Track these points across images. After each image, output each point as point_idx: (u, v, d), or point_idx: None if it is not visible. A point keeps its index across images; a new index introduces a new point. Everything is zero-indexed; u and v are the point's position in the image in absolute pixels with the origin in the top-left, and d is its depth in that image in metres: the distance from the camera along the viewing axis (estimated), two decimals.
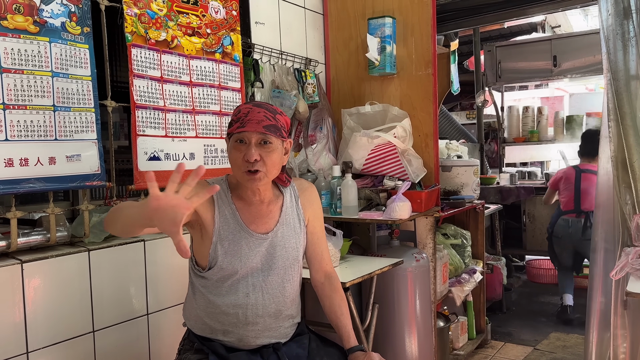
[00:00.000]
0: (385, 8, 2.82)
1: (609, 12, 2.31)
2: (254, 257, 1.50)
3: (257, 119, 1.42)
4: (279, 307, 1.54)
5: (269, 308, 1.51)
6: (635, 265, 1.91)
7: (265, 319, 1.51)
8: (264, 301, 1.50)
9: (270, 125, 1.43)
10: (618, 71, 2.28)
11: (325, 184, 2.68)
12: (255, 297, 1.49)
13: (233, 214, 1.51)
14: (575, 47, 5.01)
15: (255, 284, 1.50)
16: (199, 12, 2.20)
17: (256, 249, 1.50)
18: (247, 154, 1.41)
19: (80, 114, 1.79)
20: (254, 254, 1.50)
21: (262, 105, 1.48)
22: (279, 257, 1.54)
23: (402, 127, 2.65)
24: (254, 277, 1.50)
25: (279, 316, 1.54)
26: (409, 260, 2.48)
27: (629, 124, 2.25)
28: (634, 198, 2.24)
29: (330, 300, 1.66)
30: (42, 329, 1.68)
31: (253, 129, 1.40)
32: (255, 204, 1.54)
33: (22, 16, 1.63)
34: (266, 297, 1.51)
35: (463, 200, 2.99)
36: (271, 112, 1.46)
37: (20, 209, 1.68)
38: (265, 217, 1.55)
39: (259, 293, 1.50)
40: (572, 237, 3.79)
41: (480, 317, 3.39)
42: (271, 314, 1.52)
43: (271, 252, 1.53)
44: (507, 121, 5.50)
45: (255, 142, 1.42)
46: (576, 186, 3.84)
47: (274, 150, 1.45)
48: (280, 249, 1.54)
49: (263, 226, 1.53)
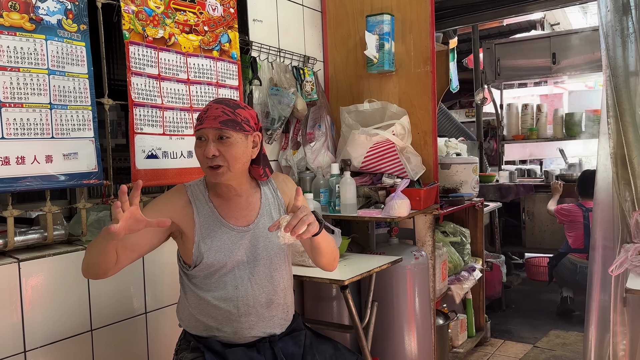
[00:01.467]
0: (383, 5, 2.81)
1: (608, 8, 2.30)
2: (237, 250, 1.53)
3: (214, 115, 1.45)
4: (270, 296, 1.56)
5: (260, 298, 1.54)
6: (634, 261, 1.91)
7: (257, 309, 1.53)
8: (253, 292, 1.53)
9: (228, 120, 1.45)
10: (617, 67, 2.28)
11: (323, 181, 2.68)
12: (244, 288, 1.52)
13: (212, 211, 1.54)
14: (574, 44, 5.00)
15: (243, 276, 1.53)
16: (196, 9, 2.19)
17: (239, 242, 1.53)
18: (206, 150, 1.45)
19: (77, 112, 1.78)
20: (237, 247, 1.53)
21: (222, 101, 1.50)
22: (263, 247, 1.56)
23: (401, 125, 2.64)
24: (240, 269, 1.53)
25: (271, 305, 1.56)
26: (408, 258, 2.48)
27: (628, 121, 2.25)
28: (633, 195, 2.23)
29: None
30: (39, 328, 1.67)
31: (209, 125, 1.44)
32: (232, 199, 1.56)
33: (18, 13, 1.62)
34: (255, 288, 1.53)
35: (462, 198, 2.98)
36: (230, 107, 1.48)
37: (17, 207, 1.67)
38: (245, 210, 1.57)
39: (248, 284, 1.53)
40: (578, 284, 3.65)
41: (480, 314, 3.39)
42: (262, 303, 1.54)
43: (254, 243, 1.55)
44: (506, 119, 5.49)
45: (213, 138, 1.45)
46: (585, 224, 3.75)
47: (234, 144, 1.46)
48: (263, 240, 1.56)
49: (243, 219, 1.56)
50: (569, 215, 3.90)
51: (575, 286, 3.76)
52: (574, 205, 3.98)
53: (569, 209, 3.94)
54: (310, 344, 1.62)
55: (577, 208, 3.90)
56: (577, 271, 3.68)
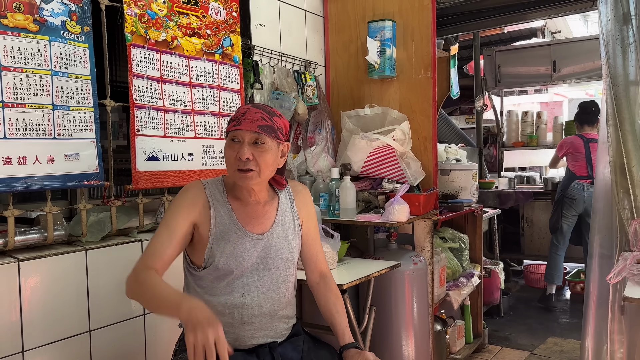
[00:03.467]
0: (385, 11, 2.83)
1: (609, 18, 2.31)
2: (249, 257, 1.51)
3: (253, 118, 1.44)
4: (274, 307, 1.54)
5: (264, 308, 1.52)
6: (632, 270, 1.91)
7: (260, 319, 1.52)
8: (259, 301, 1.51)
9: (265, 125, 1.45)
10: (617, 76, 2.29)
11: (323, 186, 2.68)
12: (250, 297, 1.50)
13: (229, 214, 1.52)
14: (575, 52, 5.02)
15: (251, 285, 1.51)
16: (199, 12, 2.21)
17: (252, 249, 1.51)
18: (240, 152, 1.44)
19: (79, 113, 1.79)
20: (249, 254, 1.51)
21: (260, 106, 1.50)
22: (274, 257, 1.54)
23: (401, 130, 2.65)
24: (249, 277, 1.51)
25: (274, 316, 1.55)
26: (406, 263, 2.48)
27: (628, 129, 2.26)
28: (632, 203, 2.24)
29: (326, 298, 1.67)
30: (38, 328, 1.67)
31: (247, 127, 1.43)
32: (251, 204, 1.55)
33: (23, 15, 1.63)
34: (261, 297, 1.52)
35: (461, 204, 2.99)
36: (268, 114, 1.48)
37: (17, 207, 1.68)
38: (261, 217, 1.55)
39: (254, 293, 1.51)
40: (585, 200, 4.02)
41: (478, 321, 3.39)
42: (266, 314, 1.53)
43: (266, 252, 1.54)
44: (506, 126, 5.50)
45: (249, 141, 1.45)
46: (587, 155, 4.11)
47: (267, 151, 1.46)
48: (275, 250, 1.55)
49: (259, 227, 1.54)
50: (572, 146, 4.22)
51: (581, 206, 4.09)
52: (576, 136, 4.30)
53: (571, 140, 4.27)
54: (308, 349, 1.61)
55: (579, 139, 4.23)
56: (584, 189, 4.06)
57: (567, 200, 4.13)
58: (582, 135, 4.24)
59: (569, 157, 4.25)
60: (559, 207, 4.20)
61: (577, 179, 4.14)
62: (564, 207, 4.15)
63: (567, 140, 4.32)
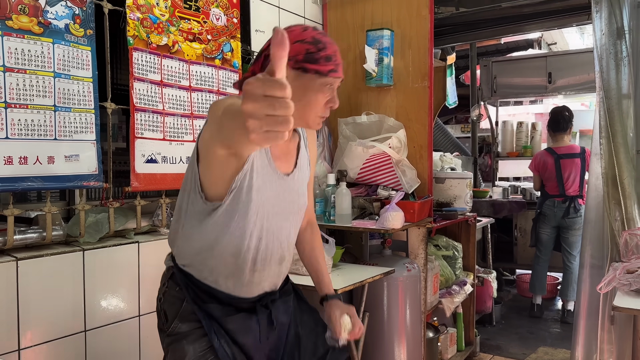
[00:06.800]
0: (384, 20, 2.87)
1: (603, 32, 2.36)
2: (272, 198, 1.35)
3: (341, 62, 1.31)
4: (284, 253, 1.44)
5: (276, 255, 1.41)
6: (622, 280, 1.95)
7: (271, 266, 1.41)
8: (272, 247, 1.39)
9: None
10: (610, 90, 2.33)
11: (319, 191, 2.70)
12: (266, 242, 1.37)
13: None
14: (570, 64, 5.08)
15: (269, 229, 1.37)
16: (200, 18, 2.24)
17: (276, 189, 1.36)
18: (334, 101, 1.31)
19: (80, 114, 1.81)
20: (273, 193, 1.35)
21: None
22: (292, 202, 1.42)
23: (397, 138, 2.68)
24: (268, 220, 1.36)
25: (282, 262, 1.45)
26: (400, 270, 2.50)
27: (620, 142, 2.30)
28: (623, 214, 2.28)
29: (311, 245, 1.63)
30: (34, 326, 1.68)
31: (341, 75, 1.30)
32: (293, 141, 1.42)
33: (27, 17, 1.66)
34: (275, 244, 1.40)
35: (455, 212, 3.01)
36: None
37: (17, 206, 1.69)
38: (286, 155, 1.41)
39: (270, 237, 1.38)
40: (556, 216, 4.15)
41: (470, 329, 3.41)
42: (277, 260, 1.42)
43: (285, 195, 1.39)
44: (501, 136, 5.55)
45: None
46: (557, 175, 4.14)
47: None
48: (294, 194, 1.42)
49: (285, 165, 1.39)
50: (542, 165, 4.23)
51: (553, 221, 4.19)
52: (546, 152, 4.29)
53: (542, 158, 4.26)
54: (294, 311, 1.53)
55: (550, 157, 4.22)
56: (554, 206, 4.16)
57: (541, 217, 4.25)
58: (553, 150, 4.20)
59: (543, 177, 4.26)
60: (535, 223, 4.34)
61: (550, 197, 4.18)
62: (539, 223, 4.27)
63: (538, 158, 4.30)
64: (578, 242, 3.87)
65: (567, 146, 4.19)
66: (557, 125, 4.21)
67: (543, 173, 4.24)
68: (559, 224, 4.16)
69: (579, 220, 3.99)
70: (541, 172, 4.25)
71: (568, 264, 4.14)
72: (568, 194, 4.10)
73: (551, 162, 4.17)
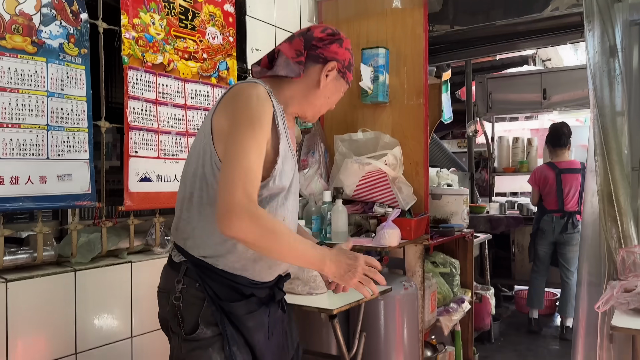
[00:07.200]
0: (379, 39, 2.88)
1: (596, 50, 2.37)
2: (292, 177, 1.40)
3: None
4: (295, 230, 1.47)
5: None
6: (620, 299, 1.93)
7: None
8: (291, 226, 1.41)
9: None
10: (604, 107, 2.34)
11: (315, 209, 2.69)
12: (288, 222, 1.39)
13: (285, 127, 1.37)
14: (565, 81, 5.11)
15: (289, 207, 1.39)
16: (196, 37, 2.24)
17: (294, 171, 1.41)
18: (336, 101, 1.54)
19: (73, 133, 1.80)
20: (292, 174, 1.40)
21: None
22: (296, 179, 1.44)
23: (393, 155, 2.68)
24: (288, 199, 1.39)
25: None
26: (397, 288, 2.48)
27: (615, 159, 2.30)
28: (619, 232, 2.26)
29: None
30: (23, 349, 1.65)
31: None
32: (291, 120, 1.48)
33: (21, 36, 1.66)
34: (292, 223, 1.43)
35: (452, 229, 3.00)
36: None
37: (8, 227, 1.67)
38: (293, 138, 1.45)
39: (290, 217, 1.41)
40: (554, 232, 4.15)
41: (468, 347, 3.37)
42: None
43: (297, 176, 1.44)
44: (497, 151, 5.56)
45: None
46: (558, 190, 4.13)
47: None
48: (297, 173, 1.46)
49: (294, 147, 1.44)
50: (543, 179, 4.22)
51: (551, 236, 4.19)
52: (547, 166, 4.27)
53: (543, 172, 4.25)
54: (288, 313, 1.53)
55: (550, 170, 4.21)
56: (552, 221, 4.16)
57: (539, 233, 4.25)
58: (554, 164, 4.21)
59: (543, 192, 4.25)
60: (533, 238, 4.34)
61: (548, 213, 4.18)
62: (537, 238, 4.27)
63: (538, 172, 4.30)
64: (576, 258, 3.83)
65: (568, 161, 4.20)
66: (558, 140, 4.22)
67: (543, 187, 4.23)
68: (557, 239, 4.16)
69: (576, 236, 3.97)
70: (541, 186, 4.24)
71: (566, 280, 4.11)
72: (567, 210, 4.10)
73: (552, 177, 4.17)
